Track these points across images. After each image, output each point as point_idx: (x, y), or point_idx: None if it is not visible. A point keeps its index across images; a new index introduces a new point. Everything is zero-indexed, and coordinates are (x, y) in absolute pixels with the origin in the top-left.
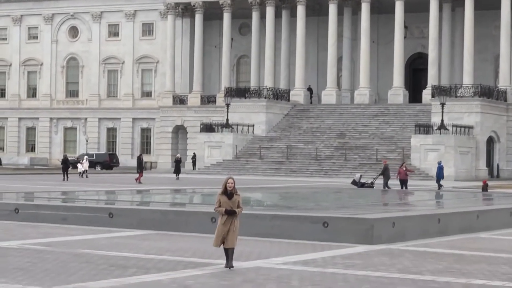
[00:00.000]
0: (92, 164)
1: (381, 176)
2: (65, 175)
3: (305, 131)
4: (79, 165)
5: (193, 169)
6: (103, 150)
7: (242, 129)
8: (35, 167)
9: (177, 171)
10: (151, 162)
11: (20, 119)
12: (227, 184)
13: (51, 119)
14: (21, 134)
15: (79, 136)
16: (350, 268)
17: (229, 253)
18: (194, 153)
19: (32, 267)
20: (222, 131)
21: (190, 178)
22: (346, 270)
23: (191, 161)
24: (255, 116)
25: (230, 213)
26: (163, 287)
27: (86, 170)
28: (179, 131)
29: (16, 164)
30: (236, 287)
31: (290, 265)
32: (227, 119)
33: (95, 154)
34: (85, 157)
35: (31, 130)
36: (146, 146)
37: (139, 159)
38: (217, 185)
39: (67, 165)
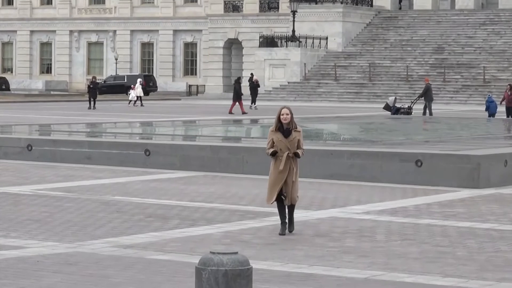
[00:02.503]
0: (123, 89)
1: (422, 99)
2: (92, 102)
3: (393, 45)
4: (131, 91)
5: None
6: (136, 71)
7: (313, 43)
8: (52, 92)
9: (253, 96)
10: (197, 86)
11: (32, 32)
12: (281, 117)
13: (71, 32)
14: (34, 52)
15: (107, 54)
16: (450, 218)
17: (286, 213)
18: (251, 74)
19: (49, 218)
20: (287, 46)
21: (247, 105)
22: (445, 221)
23: (248, 84)
24: (328, 26)
25: (276, 155)
26: (214, 243)
27: (141, 97)
28: (233, 46)
29: (28, 90)
30: (305, 243)
31: (374, 215)
32: (293, 31)
33: (127, 76)
34: (139, 80)
35: (46, 47)
36: (190, 66)
37: (239, 84)
38: (251, 114)
39: (96, 90)
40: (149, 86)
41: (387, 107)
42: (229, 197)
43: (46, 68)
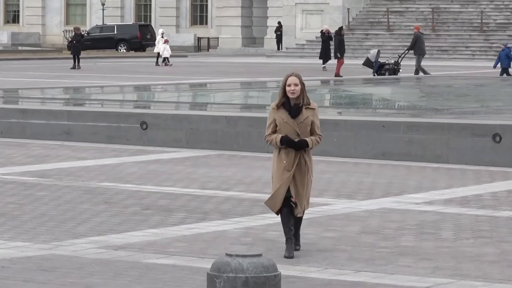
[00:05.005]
0: (111, 43)
1: (412, 52)
2: (76, 60)
3: None
4: (163, 44)
5: (278, 48)
6: (129, 19)
7: None
8: (20, 48)
9: (325, 55)
10: (208, 39)
11: None
12: (287, 88)
13: None
14: None
15: None
16: None
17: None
18: (279, 23)
19: (18, 211)
20: None
21: (273, 63)
22: None
23: (273, 36)
24: None
25: (293, 146)
26: (230, 242)
27: (158, 54)
28: None
29: None
30: (350, 242)
31: (438, 206)
32: None
33: (116, 25)
34: (161, 31)
35: None
36: (199, 13)
37: (341, 36)
38: (316, 75)
39: (79, 45)
40: (146, 39)
41: (367, 63)
42: (250, 183)
43: (13, 17)
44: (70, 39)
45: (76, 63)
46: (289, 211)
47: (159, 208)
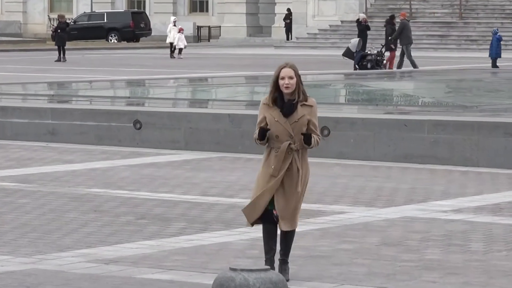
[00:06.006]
0: (101, 33)
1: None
2: (61, 51)
3: None
4: (178, 34)
5: (288, 38)
6: (121, 6)
7: None
8: (0, 38)
9: (362, 47)
10: (209, 28)
11: None
12: (280, 81)
13: None
14: None
15: None
16: None
17: (275, 242)
18: (288, 10)
19: None
20: None
21: (282, 55)
22: None
23: (282, 24)
24: None
25: (263, 133)
26: (235, 255)
27: (171, 44)
28: None
29: None
30: (368, 255)
31: (467, 214)
32: None
33: (106, 13)
34: (173, 19)
35: None
36: None
37: (393, 24)
38: (331, 67)
39: (64, 35)
40: (140, 28)
41: (348, 53)
42: None
43: None
44: (54, 28)
45: (61, 55)
46: (273, 227)
47: (155, 217)
